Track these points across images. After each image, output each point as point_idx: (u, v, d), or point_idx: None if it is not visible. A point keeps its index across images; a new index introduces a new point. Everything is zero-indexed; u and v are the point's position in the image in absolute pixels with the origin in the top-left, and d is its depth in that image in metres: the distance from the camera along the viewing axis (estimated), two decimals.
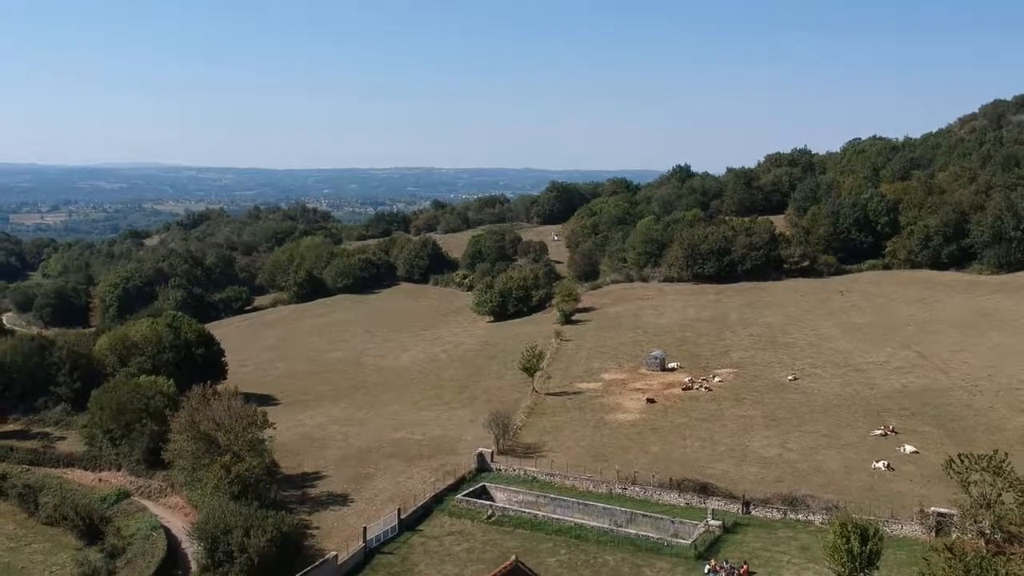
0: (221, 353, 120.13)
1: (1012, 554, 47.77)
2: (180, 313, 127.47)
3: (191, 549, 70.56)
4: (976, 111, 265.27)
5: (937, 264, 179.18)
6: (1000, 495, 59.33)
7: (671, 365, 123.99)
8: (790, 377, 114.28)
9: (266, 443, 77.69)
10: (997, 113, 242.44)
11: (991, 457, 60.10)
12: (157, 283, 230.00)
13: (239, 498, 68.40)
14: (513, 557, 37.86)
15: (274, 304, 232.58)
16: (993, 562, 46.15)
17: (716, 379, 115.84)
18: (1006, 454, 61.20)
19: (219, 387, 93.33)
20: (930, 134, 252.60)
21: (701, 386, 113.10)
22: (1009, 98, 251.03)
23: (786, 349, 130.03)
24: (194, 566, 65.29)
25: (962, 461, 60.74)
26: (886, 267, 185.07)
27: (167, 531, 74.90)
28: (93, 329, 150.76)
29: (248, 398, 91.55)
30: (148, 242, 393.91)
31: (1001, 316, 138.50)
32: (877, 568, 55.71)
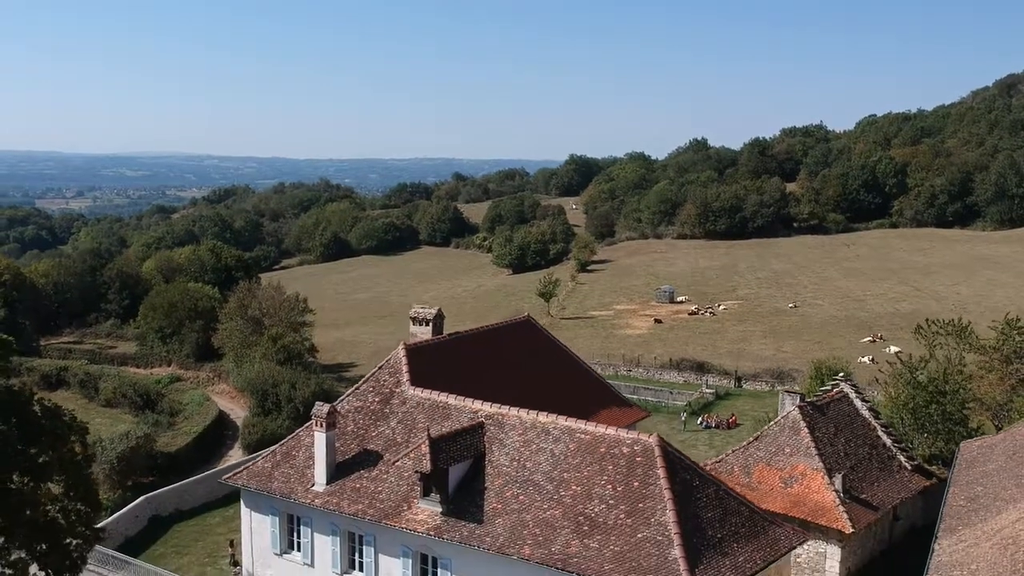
0: (259, 281, 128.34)
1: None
2: (219, 242, 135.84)
3: (239, 417, 78.99)
4: (990, 85, 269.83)
5: (943, 222, 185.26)
6: (963, 357, 66.25)
7: (680, 299, 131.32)
8: (791, 305, 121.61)
9: (307, 326, 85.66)
10: (1008, 84, 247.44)
11: (954, 322, 67.05)
12: (188, 243, 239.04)
13: (284, 364, 76.46)
14: (527, 313, 45.55)
15: (300, 264, 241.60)
16: (937, 376, 53.41)
17: (721, 307, 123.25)
18: (969, 321, 68.18)
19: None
20: (942, 106, 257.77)
21: (707, 312, 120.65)
22: (1020, 71, 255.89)
23: (790, 287, 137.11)
24: (247, 412, 73.26)
25: (929, 326, 67.68)
26: (893, 226, 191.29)
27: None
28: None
29: None
30: (175, 216, 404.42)
31: (998, 260, 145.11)
32: None
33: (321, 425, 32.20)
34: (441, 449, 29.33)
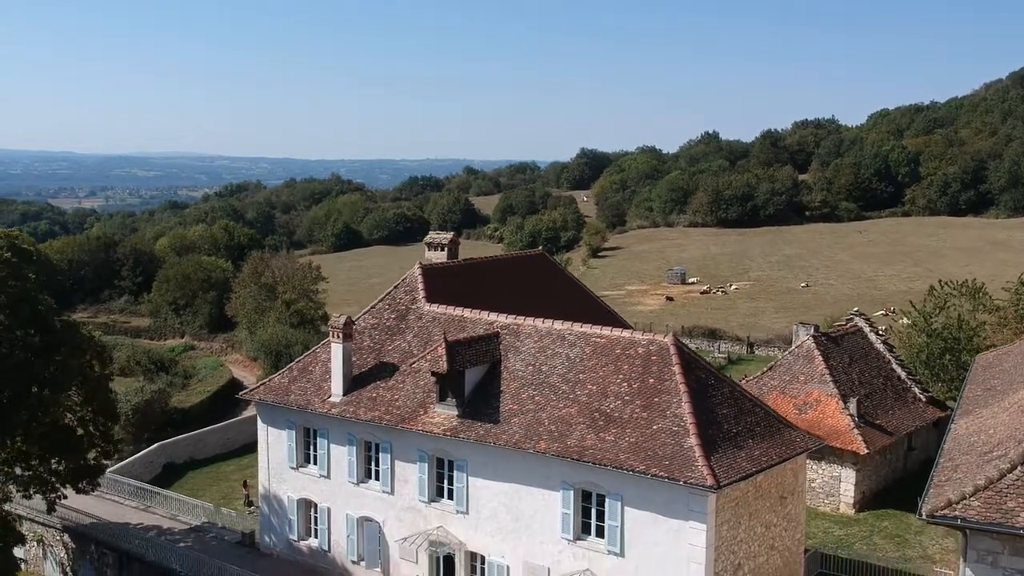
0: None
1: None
2: (231, 222, 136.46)
3: (252, 384, 79.39)
4: (1003, 77, 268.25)
5: (955, 210, 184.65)
6: (975, 317, 66.01)
7: (691, 280, 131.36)
8: (803, 285, 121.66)
9: (321, 295, 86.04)
10: (1022, 75, 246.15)
11: (965, 283, 66.92)
12: None
13: (297, 328, 76.81)
14: (540, 248, 45.73)
15: (312, 254, 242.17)
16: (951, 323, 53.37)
17: (733, 287, 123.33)
18: (983, 283, 68.03)
19: None
20: (955, 98, 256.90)
21: (719, 291, 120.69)
22: None
23: (802, 269, 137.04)
24: (261, 373, 73.55)
25: (942, 287, 67.51)
26: (905, 214, 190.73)
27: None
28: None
29: None
30: (187, 211, 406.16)
31: (1011, 244, 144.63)
32: None
33: (338, 336, 32.48)
34: (457, 352, 29.53)
